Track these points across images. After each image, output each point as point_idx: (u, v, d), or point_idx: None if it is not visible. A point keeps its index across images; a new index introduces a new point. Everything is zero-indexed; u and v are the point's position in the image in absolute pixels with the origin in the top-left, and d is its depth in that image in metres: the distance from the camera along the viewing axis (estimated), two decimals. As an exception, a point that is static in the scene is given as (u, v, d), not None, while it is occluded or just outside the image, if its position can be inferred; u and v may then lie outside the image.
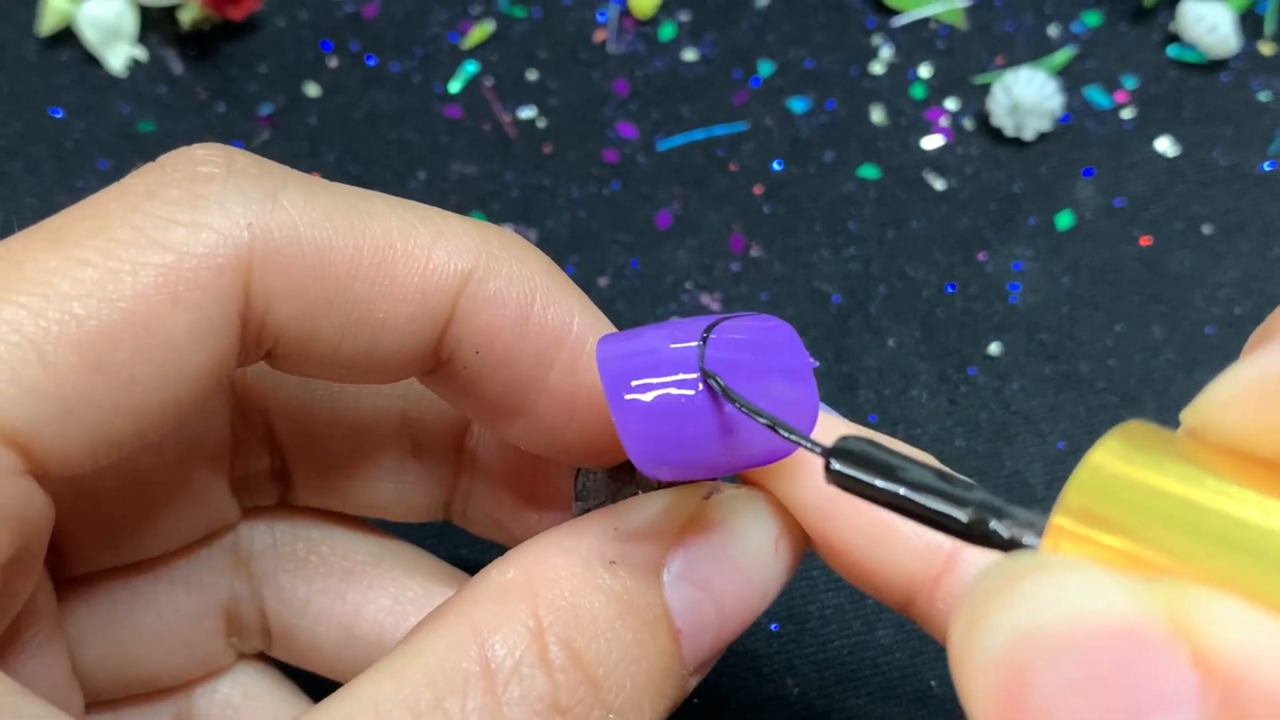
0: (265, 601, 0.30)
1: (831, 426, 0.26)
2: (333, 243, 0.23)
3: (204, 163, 0.22)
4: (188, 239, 0.21)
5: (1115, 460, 0.16)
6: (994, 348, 0.42)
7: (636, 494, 0.26)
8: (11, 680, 0.20)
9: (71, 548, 0.27)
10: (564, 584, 0.22)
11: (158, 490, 0.27)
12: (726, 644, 0.24)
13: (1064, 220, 0.44)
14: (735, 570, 0.24)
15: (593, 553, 0.23)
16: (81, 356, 0.20)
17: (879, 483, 0.18)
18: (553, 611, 0.22)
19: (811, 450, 0.20)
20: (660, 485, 0.26)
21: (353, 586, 0.30)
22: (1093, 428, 0.40)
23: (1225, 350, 0.42)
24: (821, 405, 0.28)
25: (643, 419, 0.21)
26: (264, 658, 0.31)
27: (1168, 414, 0.41)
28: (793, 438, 0.21)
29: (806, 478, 0.25)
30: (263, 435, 0.29)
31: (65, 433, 0.21)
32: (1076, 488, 0.16)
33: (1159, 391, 0.41)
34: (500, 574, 0.23)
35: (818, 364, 0.24)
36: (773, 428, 0.21)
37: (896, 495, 0.18)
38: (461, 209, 0.44)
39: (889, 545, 0.25)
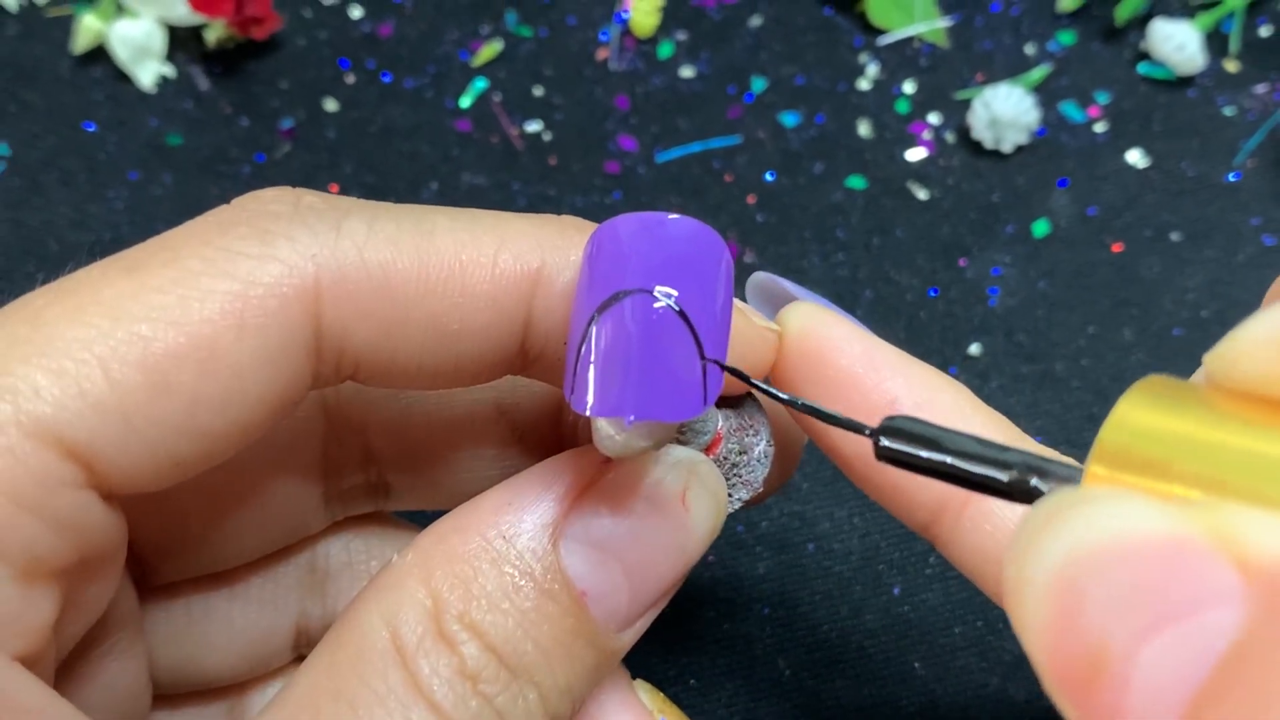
0: (336, 618, 0.30)
1: (812, 310, 0.26)
2: (398, 264, 0.22)
3: (273, 202, 0.22)
4: (254, 270, 0.21)
5: (1141, 409, 0.16)
6: (974, 348, 0.42)
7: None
8: (50, 691, 0.20)
9: (154, 559, 0.27)
10: (456, 561, 0.22)
11: (243, 508, 0.27)
12: (653, 600, 0.24)
13: (1040, 228, 0.44)
14: (637, 529, 0.23)
15: (487, 526, 0.22)
16: (146, 376, 0.20)
17: (926, 455, 0.19)
18: (446, 588, 0.22)
19: (860, 433, 0.20)
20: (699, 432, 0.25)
21: None
22: (1068, 423, 0.40)
23: (1192, 350, 0.42)
24: (812, 294, 0.28)
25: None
26: None
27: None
28: (840, 423, 0.21)
29: (848, 400, 0.25)
30: (358, 451, 0.29)
31: (128, 450, 0.20)
32: (1107, 436, 0.16)
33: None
34: (400, 559, 0.23)
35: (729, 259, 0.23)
36: (831, 419, 0.21)
37: (944, 464, 0.19)
38: (471, 217, 0.44)
39: None
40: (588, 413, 0.21)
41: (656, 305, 0.21)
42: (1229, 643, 0.13)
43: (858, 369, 0.25)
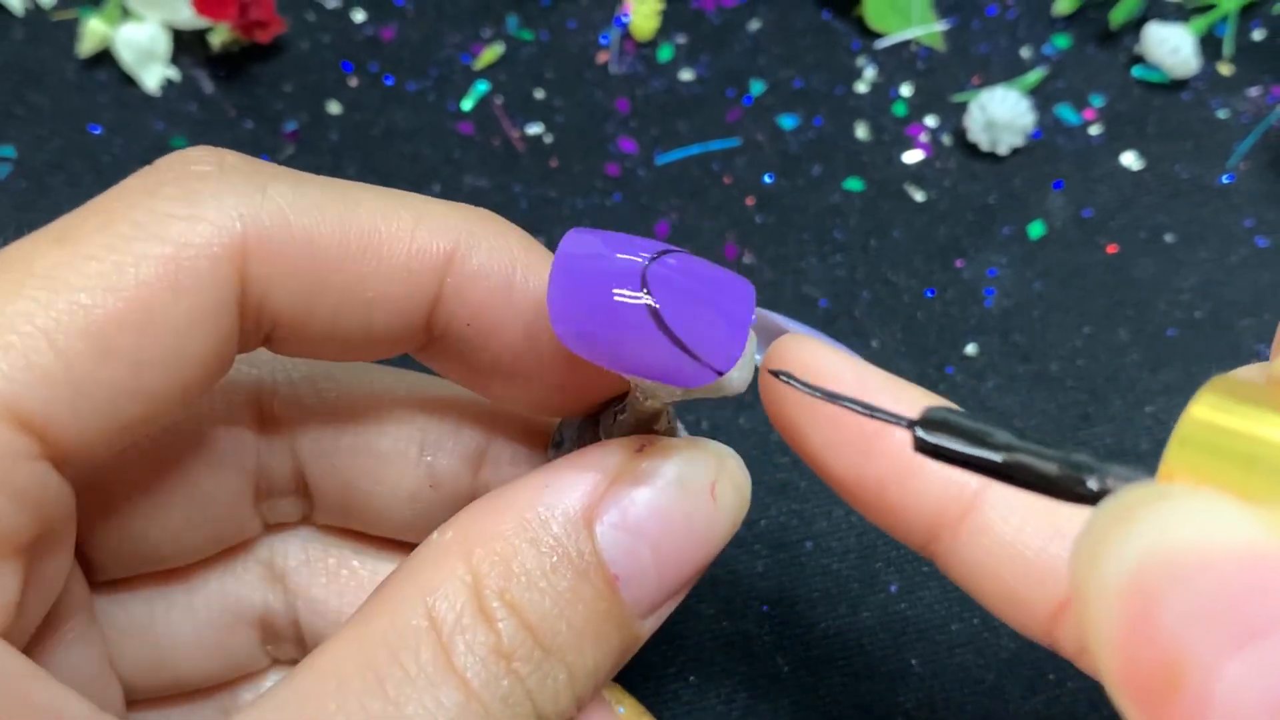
0: (299, 613, 0.30)
1: (808, 344, 0.26)
2: (321, 228, 0.23)
3: (197, 162, 0.23)
4: (185, 231, 0.22)
5: (1217, 407, 0.16)
6: (971, 348, 0.42)
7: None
8: (32, 662, 0.20)
9: (98, 554, 0.27)
10: (497, 540, 0.22)
11: (178, 505, 0.27)
12: (677, 588, 0.24)
13: (1036, 230, 0.44)
14: (669, 516, 0.23)
15: (525, 508, 0.23)
16: (90, 343, 0.20)
17: (972, 451, 0.18)
18: (487, 566, 0.22)
19: (897, 424, 0.20)
20: (624, 433, 0.26)
21: None
22: (1063, 423, 0.40)
23: (1187, 351, 0.42)
24: (804, 326, 0.28)
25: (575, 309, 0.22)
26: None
27: (1133, 410, 0.41)
28: (879, 416, 0.20)
29: (839, 423, 0.25)
30: (288, 461, 0.29)
31: (78, 416, 0.21)
32: (1185, 431, 0.16)
33: (1125, 389, 0.41)
34: (440, 536, 0.23)
35: (755, 320, 0.24)
36: (867, 411, 0.21)
37: (990, 462, 0.18)
38: (473, 219, 0.44)
39: (916, 485, 0.25)
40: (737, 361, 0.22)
41: (670, 256, 0.22)
42: None
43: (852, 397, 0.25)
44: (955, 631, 0.37)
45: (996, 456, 0.18)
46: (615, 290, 0.21)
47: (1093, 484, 0.17)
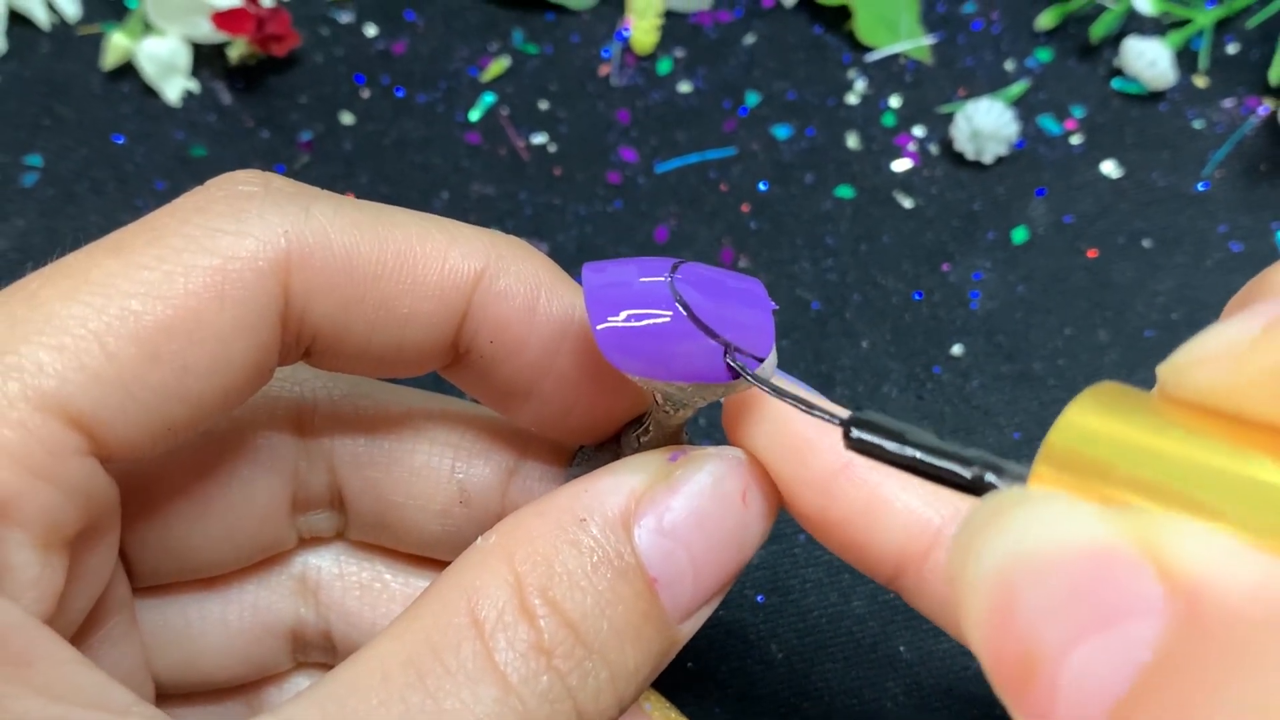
0: (332, 625, 0.30)
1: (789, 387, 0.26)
2: (359, 247, 0.23)
3: (245, 183, 0.23)
4: (233, 245, 0.22)
5: (1089, 414, 0.16)
6: (957, 349, 0.42)
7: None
8: (78, 651, 0.20)
9: (141, 560, 0.27)
10: (538, 542, 0.22)
11: (221, 511, 0.27)
12: (711, 593, 0.24)
13: (1019, 235, 0.44)
14: (704, 521, 0.23)
15: (564, 513, 0.23)
16: (140, 348, 0.21)
17: (892, 447, 0.19)
18: (529, 566, 0.22)
19: (830, 422, 0.20)
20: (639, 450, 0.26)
21: None
22: (1045, 420, 0.40)
23: (1163, 351, 0.42)
24: (782, 373, 0.28)
25: (618, 337, 0.22)
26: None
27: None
28: (814, 413, 0.21)
29: (804, 462, 0.25)
30: (325, 475, 0.29)
31: (125, 416, 0.21)
32: (1055, 438, 0.16)
33: (1104, 388, 0.41)
34: (483, 540, 0.23)
35: (777, 307, 0.24)
36: (806, 409, 0.21)
37: (908, 457, 0.19)
38: (480, 225, 0.44)
39: (880, 522, 0.25)
40: (771, 353, 0.23)
41: (683, 268, 0.23)
42: (1152, 653, 0.13)
43: (809, 431, 0.25)
44: (942, 620, 0.37)
45: (916, 453, 0.18)
46: (652, 310, 0.22)
47: (999, 483, 0.18)
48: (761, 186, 0.45)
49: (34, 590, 0.20)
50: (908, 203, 0.45)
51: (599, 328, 0.22)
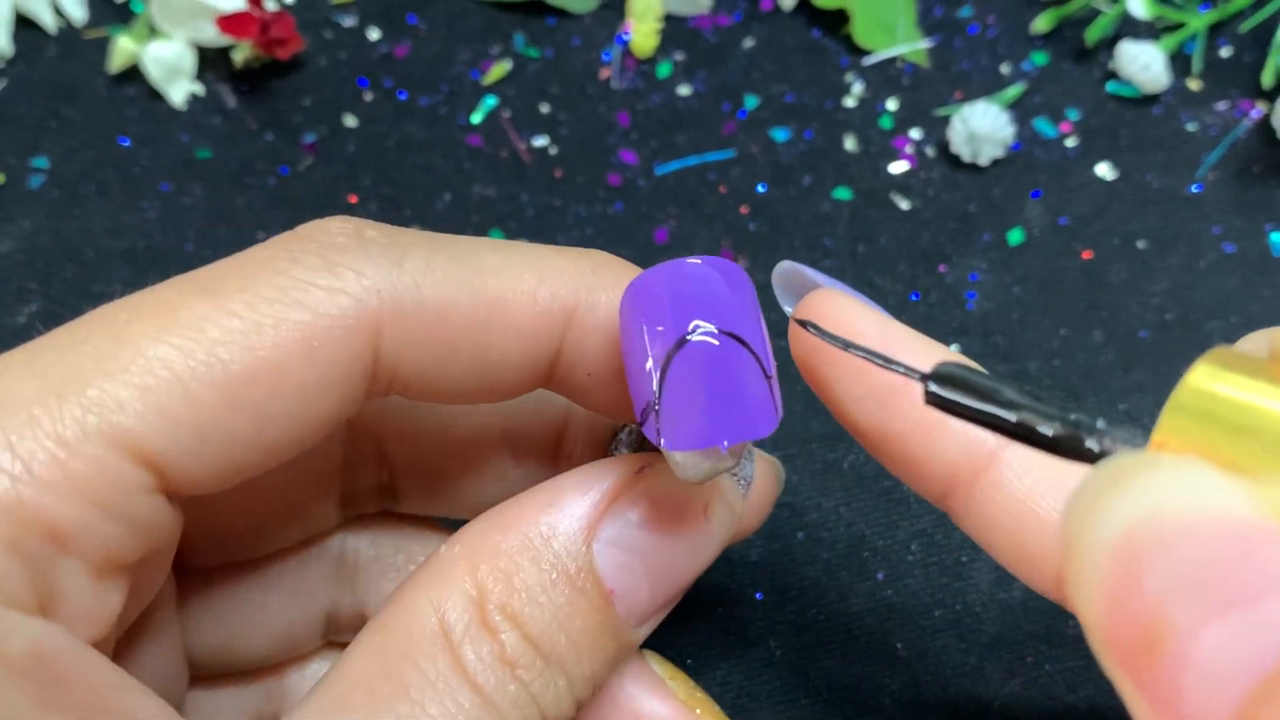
0: (368, 607, 0.30)
1: (837, 298, 0.26)
2: (452, 300, 0.23)
3: (339, 234, 0.23)
4: (324, 301, 0.21)
5: (1213, 377, 0.16)
6: (953, 349, 0.42)
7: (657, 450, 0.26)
8: (118, 669, 0.21)
9: (191, 547, 0.27)
10: (500, 556, 0.22)
11: (271, 502, 0.27)
12: (667, 600, 0.24)
13: (1015, 236, 0.44)
14: (663, 534, 0.23)
15: (528, 526, 0.23)
16: (221, 395, 0.21)
17: (976, 404, 0.18)
18: (491, 581, 0.22)
19: (910, 376, 0.20)
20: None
21: None
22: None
23: (1157, 352, 0.42)
24: (834, 281, 0.27)
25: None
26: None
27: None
28: (893, 367, 0.20)
29: (862, 377, 0.25)
30: (373, 456, 0.29)
31: (199, 460, 0.21)
32: (1179, 400, 0.15)
33: (1099, 388, 0.41)
34: (448, 550, 0.23)
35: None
36: (883, 362, 0.20)
37: (993, 415, 0.18)
38: (482, 227, 0.44)
39: (936, 440, 0.25)
40: (684, 448, 0.21)
41: (717, 339, 0.21)
42: None
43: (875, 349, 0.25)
44: (938, 617, 0.37)
45: (1003, 413, 0.18)
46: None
47: (1093, 445, 0.17)
48: (760, 188, 0.45)
49: (87, 614, 0.20)
50: (905, 204, 0.45)
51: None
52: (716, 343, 0.21)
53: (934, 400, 0.18)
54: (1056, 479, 0.24)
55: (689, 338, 0.21)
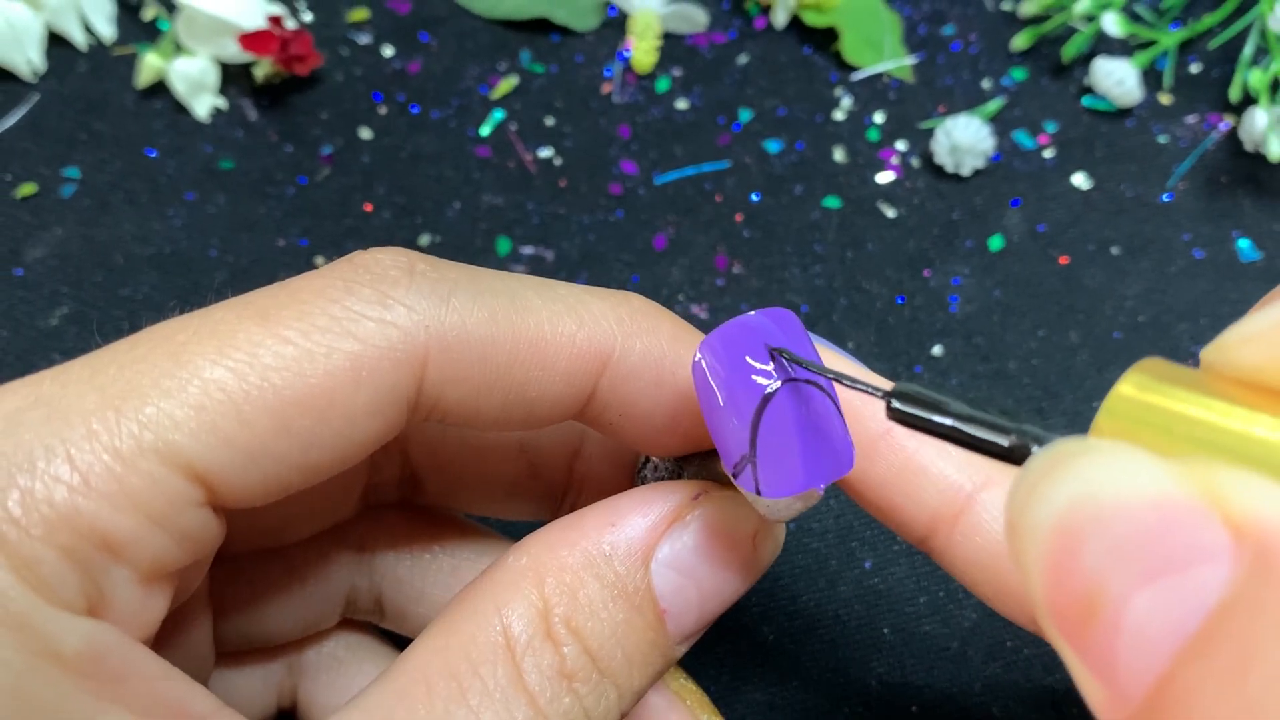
0: (383, 591, 0.30)
1: (828, 355, 0.26)
2: (495, 338, 0.23)
3: (391, 267, 0.22)
4: (375, 333, 0.21)
5: (1146, 380, 0.16)
6: (937, 349, 0.42)
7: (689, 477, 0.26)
8: (166, 662, 0.21)
9: (225, 541, 0.27)
10: (565, 571, 0.22)
11: (300, 499, 0.27)
12: (711, 620, 0.24)
13: (995, 243, 0.44)
14: (715, 559, 0.24)
15: (591, 544, 0.23)
16: (272, 419, 0.20)
17: (932, 418, 0.18)
18: (557, 594, 0.22)
19: (873, 394, 0.20)
20: (702, 476, 0.25)
21: (460, 581, 0.30)
22: (1018, 417, 0.40)
23: (1131, 352, 0.42)
24: (835, 347, 0.28)
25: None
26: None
27: (1082, 405, 0.41)
28: (858, 387, 0.21)
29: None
30: (397, 455, 0.29)
31: (245, 478, 0.21)
32: (1114, 395, 0.16)
33: (1075, 386, 0.41)
34: (515, 560, 0.23)
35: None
36: (850, 384, 0.21)
37: (946, 427, 0.18)
38: (490, 233, 0.44)
39: (916, 486, 0.25)
40: (784, 495, 0.21)
41: (795, 388, 0.21)
42: (1217, 599, 0.13)
43: (853, 400, 0.25)
44: (923, 604, 0.37)
45: (959, 426, 0.18)
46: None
47: (1034, 445, 0.17)
48: (754, 197, 0.45)
49: (135, 618, 0.20)
50: (891, 213, 0.45)
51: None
52: (797, 394, 0.21)
53: (895, 415, 0.19)
54: None
55: (770, 391, 0.21)
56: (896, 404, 0.19)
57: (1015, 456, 0.17)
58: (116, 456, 0.19)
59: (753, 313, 0.22)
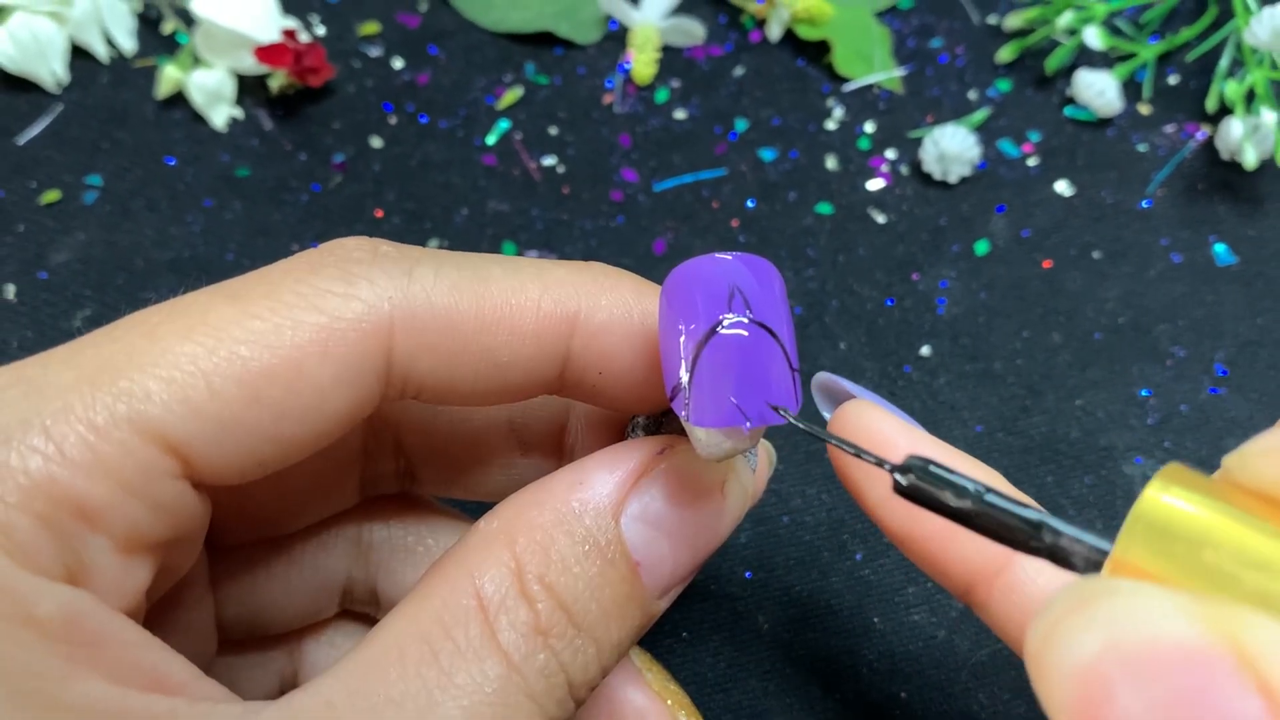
0: (379, 583, 0.30)
1: (869, 410, 0.26)
2: (459, 307, 0.23)
3: (355, 250, 0.23)
4: (339, 306, 0.21)
5: (1165, 499, 0.16)
6: (925, 350, 0.42)
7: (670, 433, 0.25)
8: (145, 631, 0.21)
9: (222, 527, 0.27)
10: (536, 530, 0.22)
11: (296, 488, 0.27)
12: (688, 571, 0.24)
13: (981, 247, 0.44)
14: (684, 510, 0.23)
15: (561, 503, 0.23)
16: (242, 390, 0.20)
17: (938, 496, 0.18)
18: (528, 553, 0.22)
19: (881, 467, 0.19)
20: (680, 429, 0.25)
21: None
22: (1004, 414, 0.40)
23: (1111, 352, 0.42)
24: (868, 393, 0.27)
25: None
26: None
27: (1065, 403, 0.41)
28: (864, 457, 0.20)
29: (887, 483, 0.25)
30: (391, 445, 0.29)
31: (220, 449, 0.21)
32: (1134, 523, 0.15)
33: (1057, 385, 0.41)
34: (486, 525, 0.23)
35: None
36: (855, 452, 0.20)
37: (955, 510, 0.17)
38: (496, 239, 0.44)
39: (955, 542, 0.25)
40: (709, 425, 0.21)
41: (747, 329, 0.21)
42: None
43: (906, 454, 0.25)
44: (911, 594, 0.37)
45: (963, 506, 0.17)
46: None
47: (1046, 539, 0.17)
48: (749, 203, 0.45)
49: (115, 588, 0.20)
50: (881, 218, 0.45)
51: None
52: (746, 333, 0.21)
53: (901, 490, 0.18)
54: (1068, 580, 0.24)
55: (721, 329, 0.21)
56: (899, 479, 0.18)
57: (1024, 544, 0.17)
58: (90, 427, 0.19)
59: (727, 255, 0.22)
